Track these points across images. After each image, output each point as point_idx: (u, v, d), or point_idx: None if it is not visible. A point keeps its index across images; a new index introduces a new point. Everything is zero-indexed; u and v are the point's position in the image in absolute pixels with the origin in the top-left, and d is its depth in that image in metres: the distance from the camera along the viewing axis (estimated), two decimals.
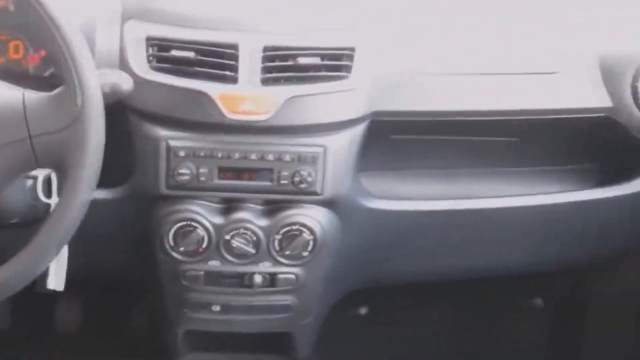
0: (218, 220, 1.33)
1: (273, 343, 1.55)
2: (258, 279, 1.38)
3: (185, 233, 1.33)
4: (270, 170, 1.30)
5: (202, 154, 1.28)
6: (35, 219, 1.21)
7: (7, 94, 1.05)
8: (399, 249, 1.51)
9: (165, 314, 1.46)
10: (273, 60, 1.27)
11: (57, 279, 1.23)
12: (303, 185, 1.30)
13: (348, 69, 1.29)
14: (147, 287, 1.48)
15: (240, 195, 1.33)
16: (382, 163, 1.48)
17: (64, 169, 1.03)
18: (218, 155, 1.28)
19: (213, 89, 1.25)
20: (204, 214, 1.33)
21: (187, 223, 1.32)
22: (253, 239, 1.34)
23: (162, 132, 1.28)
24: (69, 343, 1.92)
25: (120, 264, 1.48)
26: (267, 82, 1.26)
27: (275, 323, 1.47)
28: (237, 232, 1.33)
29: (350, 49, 1.29)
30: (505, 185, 1.52)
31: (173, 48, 1.26)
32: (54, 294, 1.24)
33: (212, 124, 1.26)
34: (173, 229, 1.33)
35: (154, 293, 1.45)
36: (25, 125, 1.03)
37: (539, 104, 1.39)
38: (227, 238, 1.34)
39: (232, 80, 1.25)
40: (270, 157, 1.29)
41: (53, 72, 1.29)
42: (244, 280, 1.39)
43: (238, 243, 1.34)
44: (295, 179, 1.30)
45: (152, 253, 1.36)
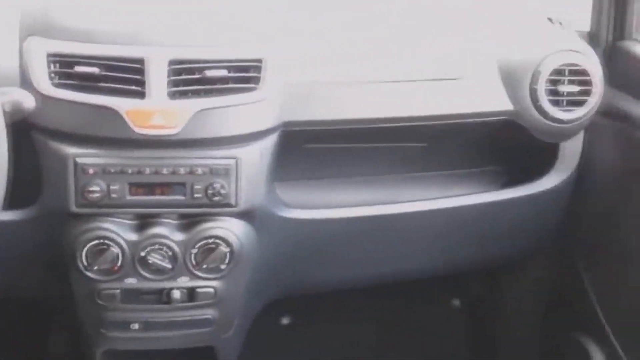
0: (132, 237, 1.31)
1: (196, 358, 1.52)
2: (176, 295, 1.35)
3: (99, 251, 1.29)
4: (183, 184, 1.28)
5: (112, 171, 1.25)
6: None
7: None
8: (318, 258, 1.51)
9: (83, 335, 1.42)
10: (180, 74, 1.25)
11: None
12: (217, 198, 1.29)
13: (257, 81, 1.28)
14: (63, 308, 1.43)
15: (154, 211, 1.31)
16: (296, 173, 1.48)
17: None
18: (129, 171, 1.26)
19: (120, 104, 1.22)
20: (118, 231, 1.30)
21: (100, 241, 1.29)
22: (169, 254, 1.31)
23: (69, 149, 1.25)
24: None
25: (35, 286, 1.43)
26: (175, 95, 1.25)
27: (197, 338, 1.45)
28: (152, 248, 1.31)
29: (258, 61, 1.29)
30: (418, 190, 1.54)
31: (77, 64, 1.23)
32: None
33: (121, 140, 1.24)
34: (86, 248, 1.29)
35: (71, 314, 1.40)
36: None
37: (445, 110, 1.41)
38: (142, 254, 1.31)
39: (139, 95, 1.23)
40: (183, 171, 1.27)
41: None
42: (163, 297, 1.36)
43: (154, 259, 1.31)
44: (209, 192, 1.28)
45: (66, 273, 1.32)
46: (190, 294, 1.36)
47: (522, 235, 1.62)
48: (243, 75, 1.28)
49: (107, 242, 1.29)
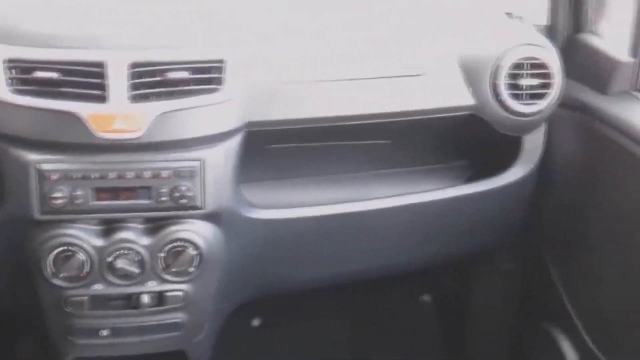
0: (99, 243, 1.28)
1: None
2: (145, 299, 1.33)
3: (65, 258, 1.27)
4: (148, 188, 1.26)
5: (75, 176, 1.23)
6: None
7: None
8: (287, 257, 1.49)
9: (51, 344, 1.39)
10: (141, 77, 1.23)
11: None
12: (183, 201, 1.27)
13: (218, 82, 1.27)
14: (30, 317, 1.40)
15: (120, 216, 1.29)
16: (262, 173, 1.47)
17: None
18: (92, 177, 1.24)
19: (81, 109, 1.20)
20: (83, 237, 1.27)
21: (66, 248, 1.27)
22: (137, 259, 1.29)
23: (31, 156, 1.22)
24: None
25: (0, 294, 1.40)
26: (136, 99, 1.23)
27: (167, 342, 1.42)
28: (119, 253, 1.29)
29: (219, 62, 1.27)
30: (384, 187, 1.53)
31: (36, 69, 1.21)
32: None
33: (83, 145, 1.22)
34: (52, 255, 1.27)
35: (38, 323, 1.37)
36: None
37: (408, 106, 1.41)
38: (109, 260, 1.29)
39: (100, 99, 1.21)
40: (147, 174, 1.25)
41: None
42: (131, 302, 1.34)
43: (122, 264, 1.29)
44: (175, 195, 1.27)
45: (32, 281, 1.30)
46: (159, 298, 1.34)
47: (488, 229, 1.62)
48: (204, 77, 1.27)
49: (73, 248, 1.27)
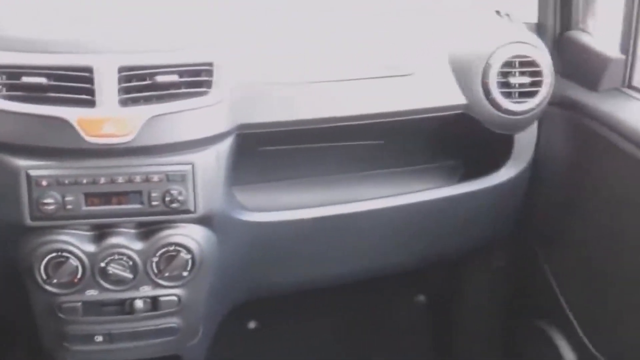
0: (91, 248, 1.26)
1: None
2: (139, 304, 1.31)
3: (58, 264, 1.25)
4: (140, 193, 1.24)
5: (66, 182, 1.21)
6: None
7: None
8: (280, 259, 1.48)
9: (45, 351, 1.37)
10: (130, 81, 1.22)
11: None
12: (175, 205, 1.25)
13: (208, 85, 1.25)
14: (22, 323, 1.38)
15: (112, 221, 1.27)
16: (254, 176, 1.45)
17: None
18: (83, 182, 1.22)
19: (70, 114, 1.18)
20: (76, 243, 1.25)
21: (58, 254, 1.25)
22: (129, 264, 1.27)
23: (21, 162, 1.20)
24: None
25: None
26: (126, 103, 1.21)
27: (163, 347, 1.40)
28: (112, 258, 1.27)
29: (209, 64, 1.26)
30: (376, 188, 1.52)
31: (23, 75, 1.19)
32: None
33: (73, 150, 1.20)
34: (44, 261, 1.24)
35: (31, 329, 1.35)
36: None
37: (398, 106, 1.39)
38: (102, 265, 1.26)
39: (89, 104, 1.19)
40: (138, 178, 1.23)
41: None
42: (125, 307, 1.32)
43: (114, 269, 1.27)
44: (167, 199, 1.25)
45: (24, 288, 1.27)
46: (153, 303, 1.32)
47: (480, 227, 1.61)
48: (194, 80, 1.25)
49: (65, 254, 1.25)
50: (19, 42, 1.22)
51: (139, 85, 1.22)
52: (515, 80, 1.40)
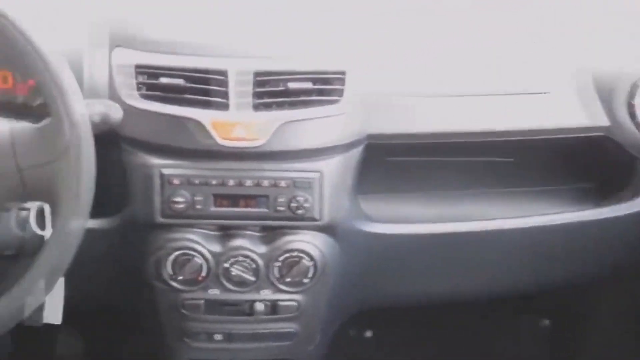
0: (216, 248, 1.27)
1: None
2: (259, 307, 1.31)
3: (184, 262, 1.26)
4: (267, 197, 1.24)
5: (196, 182, 1.22)
6: (30, 251, 1.14)
7: None
8: (400, 272, 1.44)
9: (165, 345, 1.39)
10: (264, 85, 1.21)
11: (53, 312, 1.16)
12: (300, 211, 1.24)
13: (339, 93, 1.23)
14: (145, 317, 1.40)
15: (238, 223, 1.27)
16: (377, 185, 1.41)
17: (56, 201, 0.98)
18: (213, 183, 1.22)
19: (204, 116, 1.19)
20: (202, 242, 1.26)
21: (184, 252, 1.26)
22: (252, 267, 1.27)
23: (155, 160, 1.22)
24: None
25: (117, 294, 1.41)
26: (258, 107, 1.21)
27: (280, 350, 1.40)
28: (235, 259, 1.27)
29: (341, 73, 1.24)
30: (503, 207, 1.45)
31: (162, 75, 1.20)
32: (55, 326, 1.17)
33: (205, 151, 1.21)
34: (171, 258, 1.26)
35: (153, 323, 1.37)
36: (14, 158, 0.99)
37: (532, 124, 1.33)
38: (226, 266, 1.27)
39: (222, 107, 1.20)
40: (266, 183, 1.23)
41: (42, 101, 1.23)
42: (245, 308, 1.31)
43: (237, 271, 1.27)
44: (292, 205, 1.24)
45: (149, 282, 1.29)
46: (273, 307, 1.32)
47: (615, 254, 1.51)
48: (326, 88, 1.23)
49: (191, 252, 1.26)
50: (160, 43, 1.23)
51: (273, 91, 1.21)
52: None
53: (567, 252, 1.45)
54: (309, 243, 1.27)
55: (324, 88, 1.23)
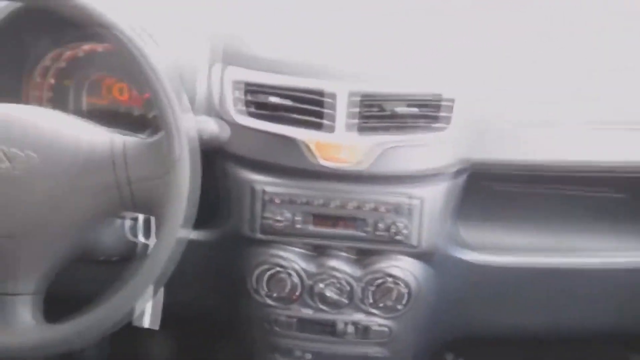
0: (310, 268, 1.26)
1: None
2: (350, 329, 1.29)
3: (279, 279, 1.26)
4: (365, 220, 1.22)
5: (298, 201, 1.22)
6: (134, 258, 1.17)
7: (108, 139, 1.04)
8: (496, 302, 1.39)
9: (255, 358, 1.39)
10: (371, 108, 1.20)
11: (153, 318, 1.19)
12: (399, 237, 1.22)
13: (447, 120, 1.21)
14: (237, 329, 1.40)
15: (335, 244, 1.25)
16: (478, 213, 1.37)
17: (161, 212, 1.00)
18: (314, 203, 1.22)
19: (309, 137, 1.19)
20: (297, 261, 1.26)
21: (280, 269, 1.26)
22: (346, 289, 1.26)
23: (258, 177, 1.22)
24: None
25: (212, 304, 1.41)
26: (364, 130, 1.19)
27: None
28: (330, 280, 1.26)
29: (450, 100, 1.21)
30: (611, 243, 1.37)
31: (271, 94, 1.21)
32: (150, 330, 1.19)
33: (307, 172, 1.20)
34: (267, 274, 1.26)
35: (245, 336, 1.38)
36: (126, 171, 1.01)
37: None
38: (321, 286, 1.26)
39: (328, 129, 1.19)
40: (367, 206, 1.21)
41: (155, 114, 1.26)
42: (336, 329, 1.30)
43: (332, 292, 1.26)
44: (392, 230, 1.22)
45: (244, 296, 1.29)
46: (364, 330, 1.30)
47: None
48: (433, 114, 1.21)
49: (288, 270, 1.25)
50: (269, 62, 1.24)
51: (379, 114, 1.20)
52: None
53: None
54: (404, 269, 1.25)
55: (431, 114, 1.20)
